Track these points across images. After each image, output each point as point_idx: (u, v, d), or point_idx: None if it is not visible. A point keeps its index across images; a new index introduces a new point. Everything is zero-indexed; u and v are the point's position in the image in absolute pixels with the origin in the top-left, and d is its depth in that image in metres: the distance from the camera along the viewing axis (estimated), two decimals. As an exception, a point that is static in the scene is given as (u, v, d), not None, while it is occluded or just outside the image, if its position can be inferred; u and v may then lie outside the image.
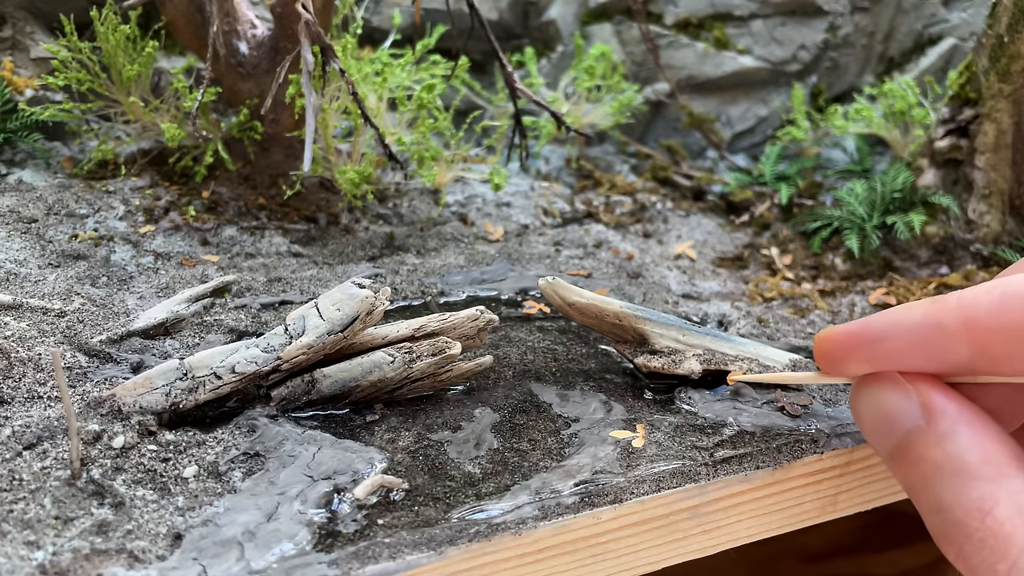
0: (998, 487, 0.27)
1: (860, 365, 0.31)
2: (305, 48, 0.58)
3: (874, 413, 0.31)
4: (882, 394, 0.31)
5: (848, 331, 0.31)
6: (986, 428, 0.29)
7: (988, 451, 0.28)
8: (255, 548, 0.31)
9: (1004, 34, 0.65)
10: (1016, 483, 0.27)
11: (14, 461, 0.34)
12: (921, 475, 0.29)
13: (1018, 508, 0.26)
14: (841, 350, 0.31)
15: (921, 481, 0.29)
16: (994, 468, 0.27)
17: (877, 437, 0.31)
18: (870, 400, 0.31)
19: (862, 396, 0.32)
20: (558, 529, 0.34)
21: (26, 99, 0.76)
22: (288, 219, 0.70)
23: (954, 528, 0.27)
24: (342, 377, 0.41)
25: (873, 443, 0.32)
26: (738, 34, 1.05)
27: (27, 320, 0.47)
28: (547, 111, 0.71)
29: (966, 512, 0.27)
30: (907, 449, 0.29)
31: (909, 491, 0.30)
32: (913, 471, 0.29)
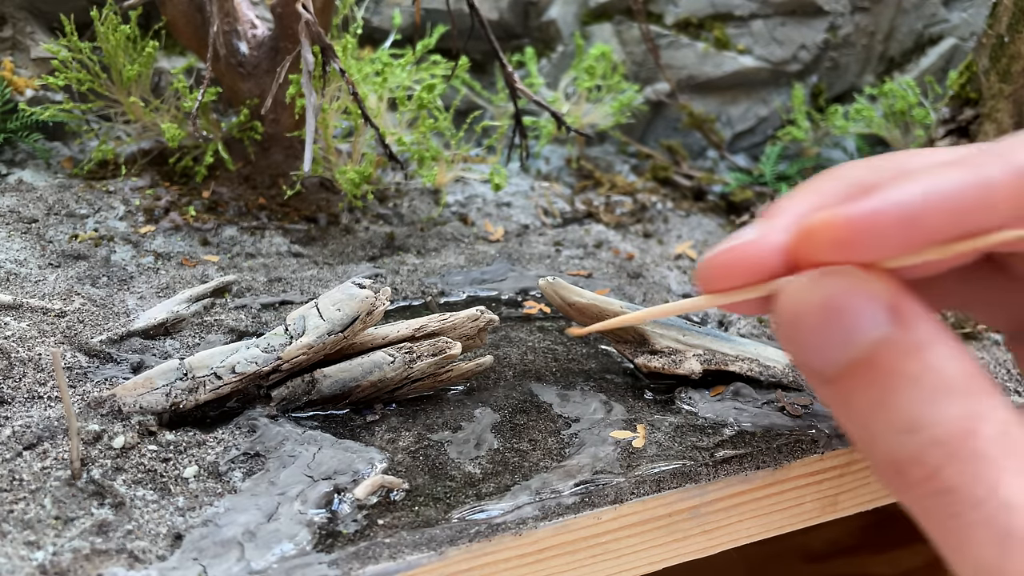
0: (982, 404, 0.24)
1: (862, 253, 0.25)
2: (305, 48, 0.58)
3: (825, 317, 0.25)
4: (838, 294, 0.25)
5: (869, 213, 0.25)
6: (956, 338, 0.25)
7: (966, 364, 0.24)
8: (255, 548, 0.31)
9: (1004, 34, 0.65)
10: (997, 400, 0.24)
11: (14, 461, 0.34)
12: (889, 392, 0.25)
13: (1004, 429, 0.24)
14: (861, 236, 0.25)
15: (889, 400, 0.25)
16: (976, 383, 0.24)
17: (825, 348, 0.26)
18: (818, 300, 0.26)
19: (810, 295, 0.26)
20: (558, 529, 0.34)
21: (26, 99, 0.76)
22: (288, 219, 0.70)
23: (931, 449, 0.24)
24: (342, 377, 0.41)
25: (814, 356, 0.26)
26: (738, 34, 1.05)
27: (27, 320, 0.47)
28: (547, 111, 0.71)
29: (948, 431, 0.23)
30: (873, 362, 0.25)
31: (861, 413, 0.25)
32: (877, 388, 0.25)
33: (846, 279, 0.25)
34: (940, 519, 0.24)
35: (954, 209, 0.24)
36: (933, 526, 0.24)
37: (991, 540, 0.23)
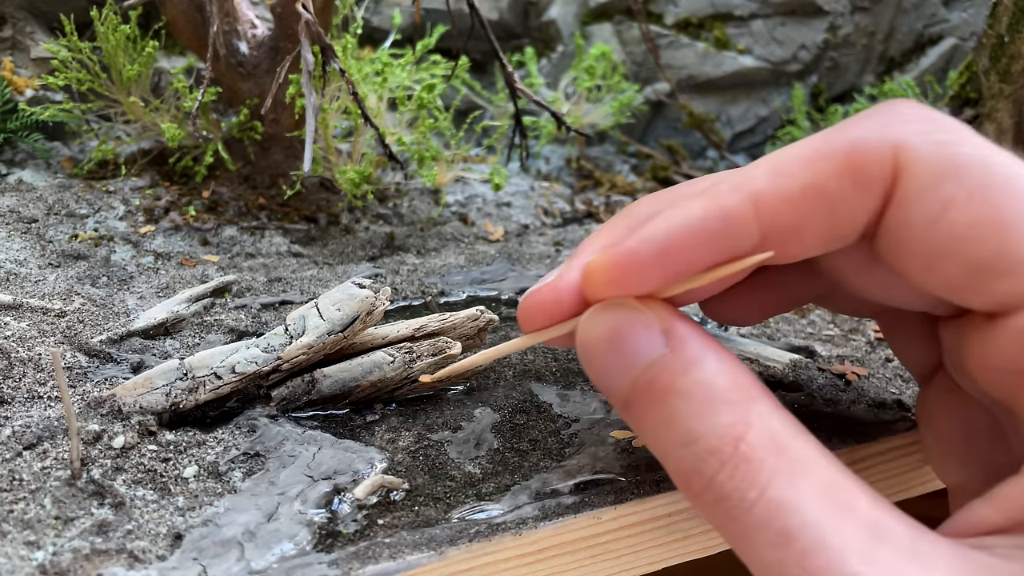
0: (749, 411, 0.25)
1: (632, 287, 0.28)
2: (305, 48, 0.58)
3: (609, 346, 0.28)
4: (618, 324, 0.28)
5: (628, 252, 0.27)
6: (727, 352, 0.27)
7: (735, 375, 0.26)
8: (255, 548, 0.31)
9: (1004, 34, 0.65)
10: (764, 406, 0.26)
11: (14, 461, 0.34)
12: (669, 409, 0.26)
13: (769, 432, 0.25)
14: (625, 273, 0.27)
15: (669, 416, 0.26)
16: (743, 392, 0.26)
17: (613, 373, 0.28)
18: (603, 332, 0.28)
19: (596, 327, 0.28)
20: (558, 529, 0.34)
21: (26, 99, 0.76)
22: (288, 219, 0.70)
23: (707, 458, 0.25)
24: (342, 377, 0.41)
25: (605, 381, 0.28)
26: (738, 34, 1.05)
27: (27, 320, 0.47)
28: (547, 111, 0.71)
29: (720, 439, 0.25)
30: (652, 382, 0.27)
31: (652, 432, 0.27)
32: (658, 406, 0.27)
33: (623, 311, 0.28)
34: (724, 525, 0.25)
35: (698, 241, 0.26)
36: (723, 533, 0.26)
37: (768, 541, 0.24)
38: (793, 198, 0.26)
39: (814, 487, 0.24)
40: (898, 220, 0.25)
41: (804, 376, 0.45)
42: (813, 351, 0.50)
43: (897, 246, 0.26)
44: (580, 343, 0.29)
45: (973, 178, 0.24)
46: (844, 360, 0.49)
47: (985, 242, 0.24)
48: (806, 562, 0.23)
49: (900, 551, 0.23)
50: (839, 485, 0.24)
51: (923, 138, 0.25)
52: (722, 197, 0.26)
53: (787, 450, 0.25)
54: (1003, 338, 0.24)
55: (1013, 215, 0.23)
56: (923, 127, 0.25)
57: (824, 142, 0.26)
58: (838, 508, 0.23)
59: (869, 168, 0.25)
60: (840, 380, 0.46)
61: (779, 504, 0.23)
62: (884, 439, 0.40)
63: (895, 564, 0.22)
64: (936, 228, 0.24)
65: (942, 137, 0.25)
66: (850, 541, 0.23)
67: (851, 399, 0.44)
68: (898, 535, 0.23)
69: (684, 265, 0.27)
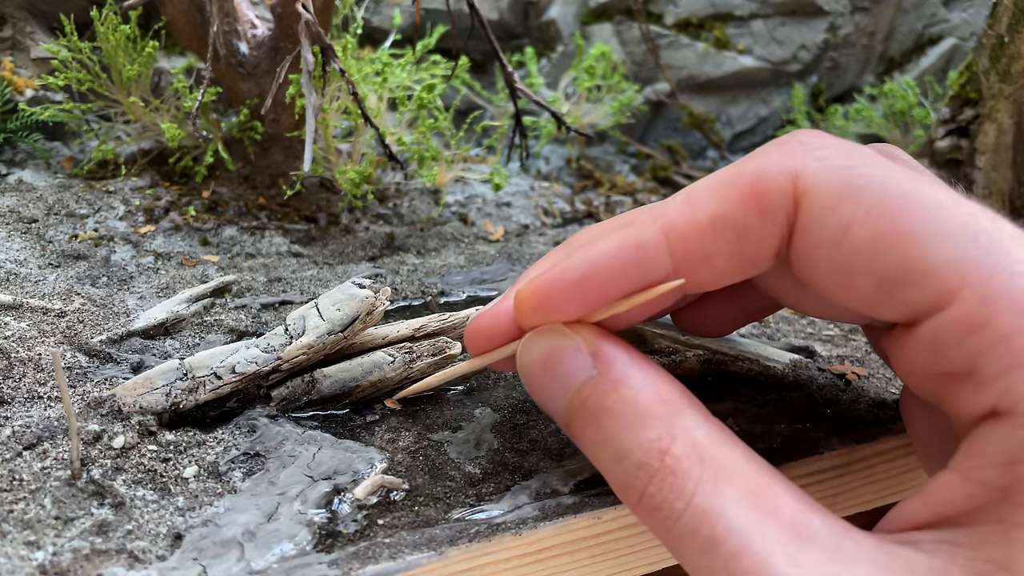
0: (673, 424, 0.26)
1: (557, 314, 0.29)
2: (305, 48, 0.58)
3: (544, 371, 0.30)
4: (550, 349, 0.29)
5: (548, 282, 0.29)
6: (655, 369, 0.29)
7: (660, 390, 0.28)
8: (255, 548, 0.31)
9: (1004, 34, 0.65)
10: (689, 419, 0.27)
11: (14, 461, 0.34)
12: (601, 427, 0.28)
13: (692, 444, 0.26)
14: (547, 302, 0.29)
15: (601, 434, 0.28)
16: (667, 406, 0.27)
17: (552, 396, 0.30)
18: (538, 358, 0.30)
19: (532, 352, 0.30)
20: (558, 529, 0.34)
21: (26, 99, 0.76)
22: (288, 219, 0.70)
23: (638, 472, 0.26)
24: (342, 377, 0.41)
25: (547, 404, 0.30)
26: (738, 34, 1.05)
27: (27, 320, 0.47)
28: (547, 111, 0.71)
29: (646, 453, 0.26)
30: (584, 403, 0.28)
31: (591, 450, 0.29)
32: (592, 425, 0.28)
33: (554, 337, 0.30)
34: (660, 534, 0.26)
35: (614, 270, 0.28)
36: (661, 540, 0.27)
37: (696, 547, 0.25)
38: (702, 227, 0.27)
39: (738, 493, 0.25)
40: (804, 244, 0.26)
41: (804, 376, 0.45)
42: (813, 351, 0.50)
43: (808, 268, 0.27)
44: (519, 368, 0.31)
45: (870, 197, 0.25)
46: (844, 360, 0.49)
47: (888, 256, 0.24)
48: (732, 566, 0.24)
49: (823, 551, 0.24)
50: (763, 489, 0.25)
51: (821, 164, 0.26)
52: (638, 228, 0.28)
53: (711, 460, 0.26)
54: (919, 345, 0.25)
55: (911, 228, 0.24)
56: (821, 154, 0.26)
57: (732, 173, 0.27)
58: (762, 512, 0.24)
59: (771, 196, 0.26)
60: (840, 380, 0.46)
61: (705, 512, 0.25)
62: (884, 439, 0.40)
63: (818, 564, 0.23)
64: (840, 248, 0.25)
65: (839, 162, 0.26)
66: (774, 543, 0.24)
67: (851, 399, 0.44)
68: (822, 535, 0.24)
69: (604, 292, 0.29)
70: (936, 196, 0.24)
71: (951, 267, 0.23)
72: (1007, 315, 0.22)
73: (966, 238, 0.23)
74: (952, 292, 0.23)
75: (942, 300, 0.24)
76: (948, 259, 0.23)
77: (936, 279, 0.23)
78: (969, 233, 0.23)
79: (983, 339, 0.23)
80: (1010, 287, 0.23)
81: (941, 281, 0.23)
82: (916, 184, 0.25)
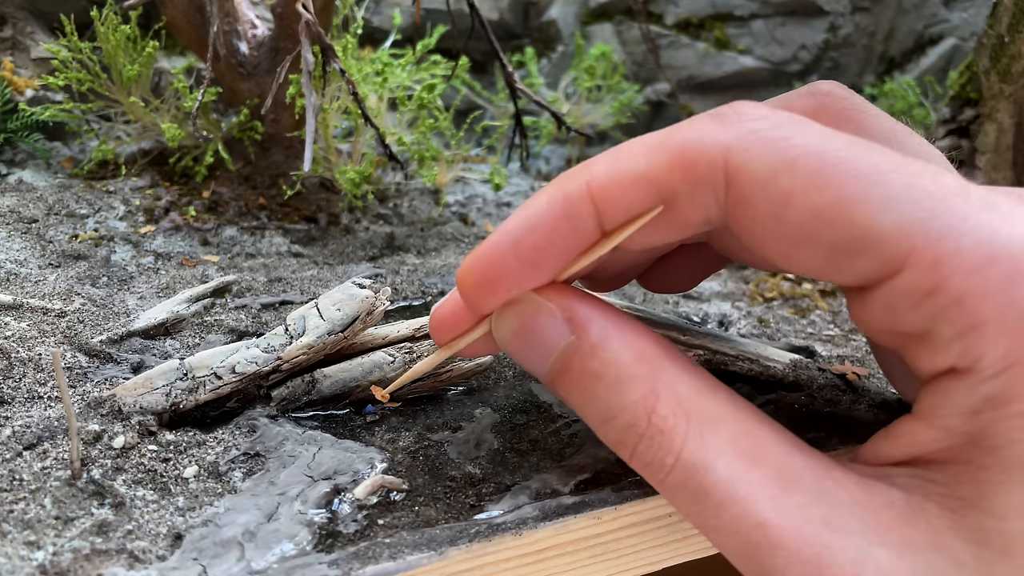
0: (656, 382, 0.27)
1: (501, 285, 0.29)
2: (305, 48, 0.58)
3: (523, 341, 0.29)
4: (525, 319, 0.29)
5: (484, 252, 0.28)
6: (633, 326, 0.28)
7: (640, 349, 0.28)
8: (255, 548, 0.31)
9: (1005, 34, 0.65)
10: (671, 374, 0.27)
11: (14, 461, 0.34)
12: (585, 389, 0.28)
13: (677, 399, 0.26)
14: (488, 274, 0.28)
15: (586, 395, 0.28)
16: (649, 365, 0.27)
17: (532, 364, 0.30)
18: (514, 329, 0.30)
19: (505, 326, 0.30)
20: (558, 529, 0.34)
21: (26, 99, 0.76)
22: (288, 219, 0.70)
23: (627, 432, 0.27)
24: (342, 377, 0.41)
25: (532, 371, 0.30)
26: (738, 34, 1.05)
27: (27, 320, 0.47)
28: (547, 111, 0.71)
29: (633, 414, 0.27)
30: (566, 368, 0.28)
31: (578, 409, 0.29)
32: (576, 388, 0.28)
33: (524, 306, 0.29)
34: (656, 486, 0.27)
35: (546, 227, 0.27)
36: (659, 491, 0.28)
37: (688, 498, 0.26)
38: (624, 184, 0.26)
39: (723, 443, 0.26)
40: (744, 217, 0.26)
41: (804, 376, 0.45)
42: (813, 351, 0.50)
43: (753, 240, 0.26)
44: (498, 340, 0.31)
45: (808, 169, 0.24)
46: (844, 360, 0.49)
47: (833, 227, 0.24)
48: (722, 514, 0.25)
49: (807, 492, 0.25)
50: (748, 436, 0.26)
51: (753, 137, 0.25)
52: (565, 182, 0.27)
53: (695, 412, 0.26)
54: (876, 307, 0.25)
55: (853, 196, 0.23)
56: (754, 126, 0.25)
57: (664, 136, 0.27)
58: (747, 459, 0.25)
59: (699, 167, 0.25)
60: (840, 380, 0.46)
61: (693, 465, 0.26)
62: (884, 439, 0.40)
63: (802, 506, 0.24)
64: (783, 222, 0.25)
65: (774, 133, 0.25)
66: (759, 490, 0.25)
67: (851, 399, 0.44)
68: (805, 477, 0.25)
69: (544, 253, 0.28)
70: (875, 161, 0.24)
71: (898, 233, 0.23)
72: (957, 277, 0.22)
73: (910, 201, 0.23)
74: (901, 258, 0.23)
75: (892, 267, 0.23)
76: (893, 225, 0.23)
77: (884, 246, 0.23)
78: (912, 195, 0.23)
79: (936, 303, 0.23)
80: (958, 248, 0.22)
81: (889, 248, 0.23)
82: (855, 150, 0.24)
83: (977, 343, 0.22)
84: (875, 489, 0.25)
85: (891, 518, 0.24)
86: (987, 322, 0.22)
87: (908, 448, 0.25)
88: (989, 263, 0.22)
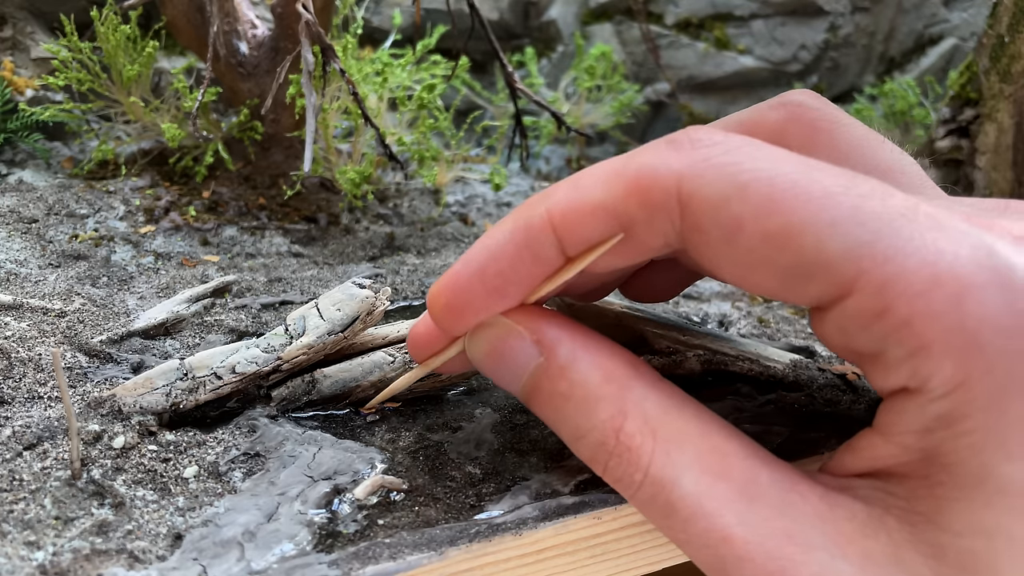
0: (624, 401, 0.27)
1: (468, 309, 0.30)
2: (305, 48, 0.58)
3: (495, 363, 0.30)
4: (495, 342, 0.30)
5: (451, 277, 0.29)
6: (601, 346, 0.29)
7: (608, 369, 0.28)
8: (255, 548, 0.31)
9: (1005, 34, 0.65)
10: (637, 393, 0.28)
11: (14, 461, 0.34)
12: (556, 409, 0.29)
13: (644, 418, 0.27)
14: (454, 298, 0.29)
15: (557, 415, 0.29)
16: (616, 384, 0.28)
17: (508, 384, 0.31)
18: (486, 351, 0.31)
19: (477, 348, 0.31)
20: (559, 529, 0.34)
21: (26, 99, 0.76)
22: (288, 219, 0.70)
23: (598, 449, 0.28)
24: (342, 377, 0.41)
25: (507, 390, 0.31)
26: (738, 34, 1.05)
27: (27, 320, 0.47)
28: (547, 111, 0.71)
29: (602, 433, 0.27)
30: (536, 388, 0.29)
31: (552, 426, 0.30)
32: (548, 407, 0.29)
33: (494, 329, 0.30)
34: (630, 502, 0.28)
35: (509, 254, 0.28)
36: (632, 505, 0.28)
37: (657, 514, 0.27)
38: (583, 213, 0.27)
39: (689, 460, 0.26)
40: (699, 242, 0.26)
41: (804, 376, 0.45)
42: (813, 351, 0.50)
43: (709, 263, 0.27)
44: (472, 360, 0.32)
45: (758, 194, 0.24)
46: (844, 360, 0.49)
47: (784, 252, 0.24)
48: (689, 528, 0.26)
49: (771, 506, 0.25)
50: (713, 452, 0.27)
51: (706, 164, 0.25)
52: (528, 210, 0.28)
53: (661, 430, 0.27)
54: (830, 326, 0.25)
55: (802, 221, 0.24)
56: (707, 152, 0.25)
57: (620, 164, 0.27)
58: (712, 475, 0.26)
59: (654, 195, 0.26)
60: (840, 380, 0.46)
61: (660, 481, 0.26)
62: (884, 439, 0.40)
63: (767, 520, 0.25)
64: (735, 247, 0.25)
65: (724, 159, 0.25)
66: (724, 504, 0.25)
67: (851, 399, 0.44)
68: (770, 492, 0.26)
69: (508, 279, 0.29)
70: (823, 184, 0.24)
71: (845, 256, 0.23)
72: (903, 299, 0.23)
73: (856, 224, 0.23)
74: (850, 281, 0.23)
75: (842, 290, 0.24)
76: (840, 248, 0.23)
77: (833, 271, 0.24)
78: (859, 218, 0.23)
79: (885, 325, 0.23)
80: (904, 270, 0.23)
81: (838, 272, 0.23)
82: (804, 173, 0.24)
83: (925, 364, 0.23)
84: (838, 502, 0.25)
85: (852, 531, 0.25)
86: (933, 343, 0.22)
87: (869, 461, 0.26)
88: (933, 284, 0.22)
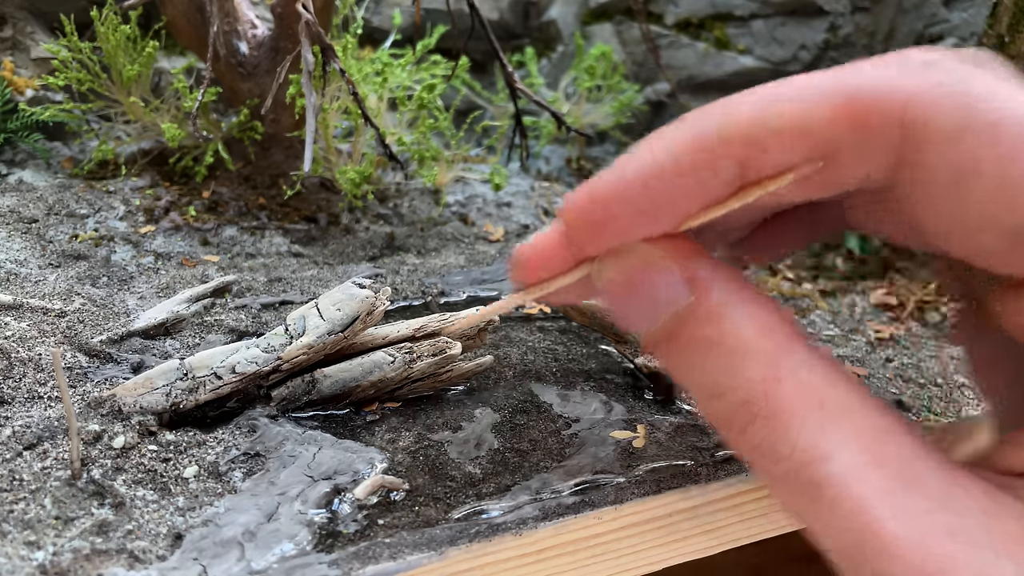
0: (779, 363, 0.24)
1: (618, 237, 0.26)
2: (305, 48, 0.58)
3: (630, 296, 0.26)
4: (633, 272, 0.26)
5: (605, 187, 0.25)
6: (757, 297, 0.25)
7: (765, 323, 0.25)
8: (255, 548, 0.31)
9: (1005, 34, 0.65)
10: (796, 357, 0.24)
11: (14, 461, 0.34)
12: (693, 358, 0.25)
13: (799, 385, 0.24)
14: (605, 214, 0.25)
15: (694, 365, 0.25)
16: (773, 342, 0.24)
17: (637, 322, 0.27)
18: (621, 281, 0.26)
19: (610, 274, 0.27)
20: (558, 529, 0.34)
21: (26, 99, 0.76)
22: (288, 219, 0.70)
23: (739, 410, 0.24)
24: (342, 377, 0.41)
25: (630, 328, 0.27)
26: (739, 34, 1.05)
27: (27, 320, 0.47)
28: (547, 111, 0.71)
29: (748, 393, 0.24)
30: (676, 332, 0.25)
31: (683, 379, 0.26)
32: (683, 355, 0.26)
33: (634, 257, 0.26)
34: (759, 471, 0.25)
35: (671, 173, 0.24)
36: (758, 475, 0.25)
37: (798, 490, 0.24)
38: (779, 134, 0.24)
39: (845, 437, 0.23)
40: (916, 180, 0.23)
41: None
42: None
43: (918, 208, 0.24)
44: (599, 288, 0.27)
45: (1010, 135, 0.21)
46: (844, 360, 0.49)
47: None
48: (834, 510, 0.23)
49: (932, 498, 0.22)
50: (873, 432, 0.23)
51: (942, 90, 0.22)
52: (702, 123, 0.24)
53: (818, 402, 0.24)
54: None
55: None
56: (942, 78, 0.22)
57: (826, 82, 0.24)
58: (868, 456, 0.23)
59: (871, 118, 0.23)
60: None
61: (809, 457, 0.23)
62: (884, 439, 0.40)
63: (927, 513, 0.22)
64: (963, 192, 0.22)
65: (965, 88, 0.22)
66: (879, 490, 0.22)
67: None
68: (931, 482, 0.23)
69: (664, 201, 0.25)
70: None
71: None
72: None
73: None
74: None
75: None
76: None
77: None
78: None
79: None
80: None
81: None
82: None
83: None
84: (1003, 500, 0.23)
85: (1019, 532, 0.22)
86: None
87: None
88: None
